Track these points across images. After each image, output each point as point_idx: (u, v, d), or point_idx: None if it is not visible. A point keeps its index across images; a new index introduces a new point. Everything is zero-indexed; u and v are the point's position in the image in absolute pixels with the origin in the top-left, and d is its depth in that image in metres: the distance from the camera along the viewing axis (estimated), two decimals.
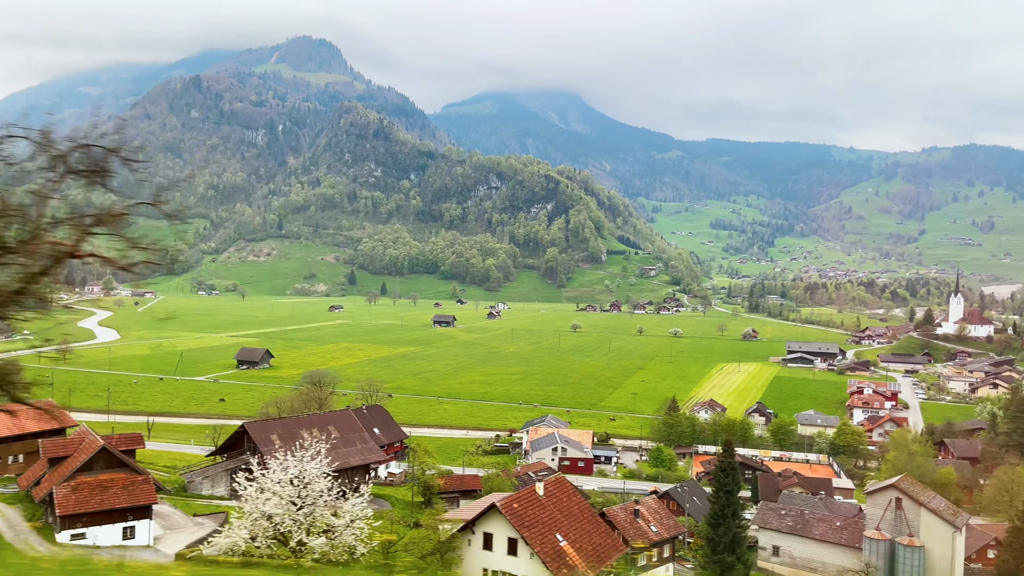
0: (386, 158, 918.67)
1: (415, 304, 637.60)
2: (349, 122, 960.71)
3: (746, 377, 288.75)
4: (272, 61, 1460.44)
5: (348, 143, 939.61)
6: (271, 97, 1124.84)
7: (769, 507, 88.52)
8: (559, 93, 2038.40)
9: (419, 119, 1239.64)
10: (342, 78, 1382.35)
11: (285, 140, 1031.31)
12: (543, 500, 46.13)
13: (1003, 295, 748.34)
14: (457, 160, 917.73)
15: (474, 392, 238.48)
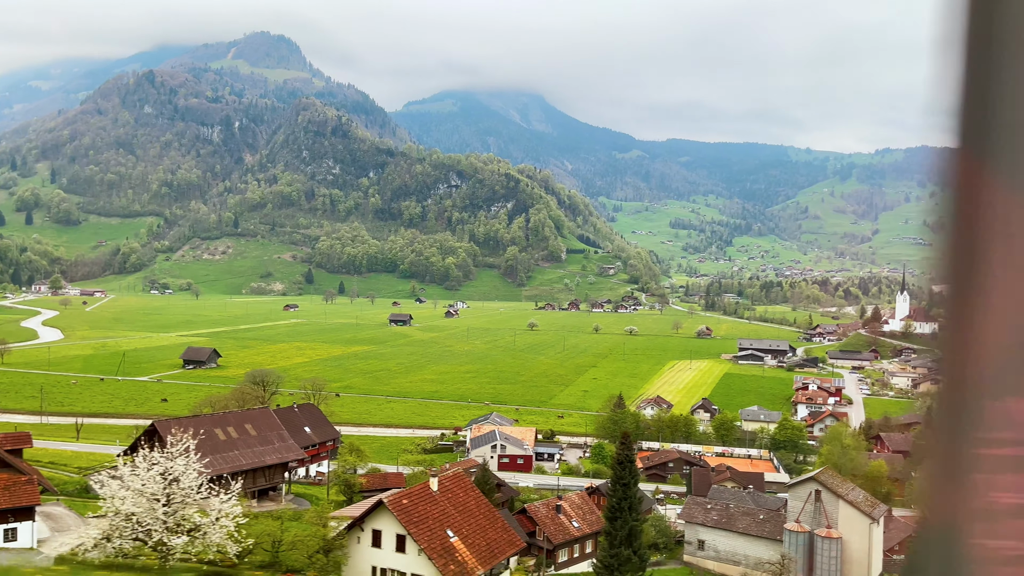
0: (345, 156, 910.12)
1: (373, 303, 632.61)
2: (307, 119, 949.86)
3: (697, 374, 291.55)
4: (229, 57, 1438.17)
5: (306, 140, 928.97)
6: (227, 93, 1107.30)
7: (696, 502, 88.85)
8: (521, 92, 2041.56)
9: (379, 117, 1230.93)
10: (301, 75, 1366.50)
11: (241, 137, 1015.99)
12: (436, 496, 45.24)
13: None
14: (417, 158, 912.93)
15: (424, 391, 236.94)
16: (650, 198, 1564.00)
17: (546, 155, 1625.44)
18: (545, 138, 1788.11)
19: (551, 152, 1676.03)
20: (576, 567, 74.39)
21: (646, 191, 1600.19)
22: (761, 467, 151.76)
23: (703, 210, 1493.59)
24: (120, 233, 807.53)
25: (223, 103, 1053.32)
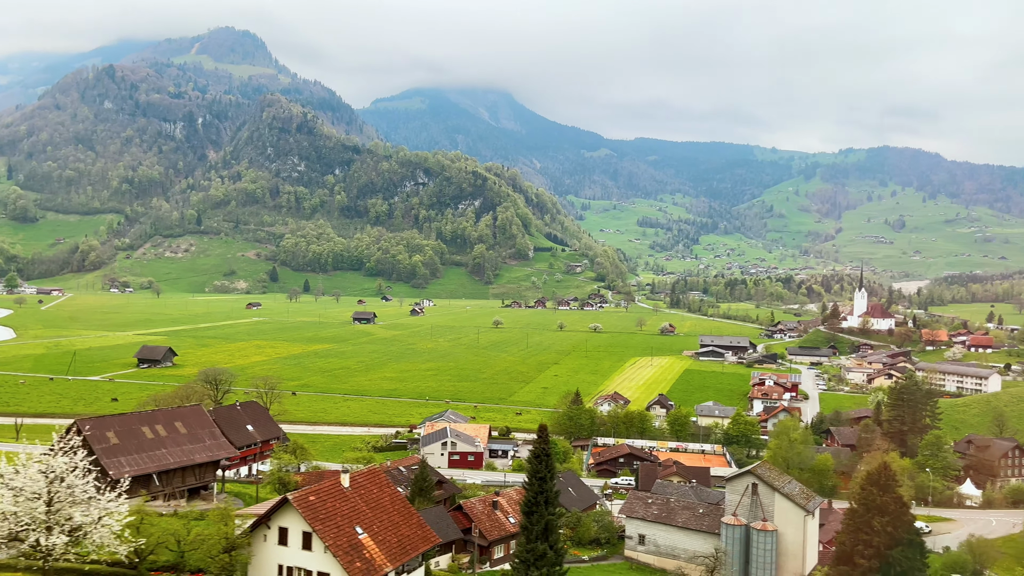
0: (310, 152, 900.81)
1: (338, 301, 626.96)
2: (272, 115, 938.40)
3: (657, 371, 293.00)
4: (193, 52, 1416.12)
5: (271, 137, 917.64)
6: (190, 89, 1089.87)
7: (637, 496, 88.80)
8: (490, 90, 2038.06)
9: (346, 113, 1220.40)
10: (266, 71, 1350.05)
11: (205, 133, 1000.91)
12: (348, 492, 44.35)
13: (911, 291, 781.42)
14: (383, 155, 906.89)
15: (383, 389, 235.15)
16: (618, 196, 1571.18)
17: (515, 153, 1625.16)
18: (514, 136, 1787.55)
19: (520, 150, 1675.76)
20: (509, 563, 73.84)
21: (614, 189, 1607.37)
22: (714, 462, 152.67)
23: (670, 208, 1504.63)
24: (79, 230, 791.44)
25: (186, 99, 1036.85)
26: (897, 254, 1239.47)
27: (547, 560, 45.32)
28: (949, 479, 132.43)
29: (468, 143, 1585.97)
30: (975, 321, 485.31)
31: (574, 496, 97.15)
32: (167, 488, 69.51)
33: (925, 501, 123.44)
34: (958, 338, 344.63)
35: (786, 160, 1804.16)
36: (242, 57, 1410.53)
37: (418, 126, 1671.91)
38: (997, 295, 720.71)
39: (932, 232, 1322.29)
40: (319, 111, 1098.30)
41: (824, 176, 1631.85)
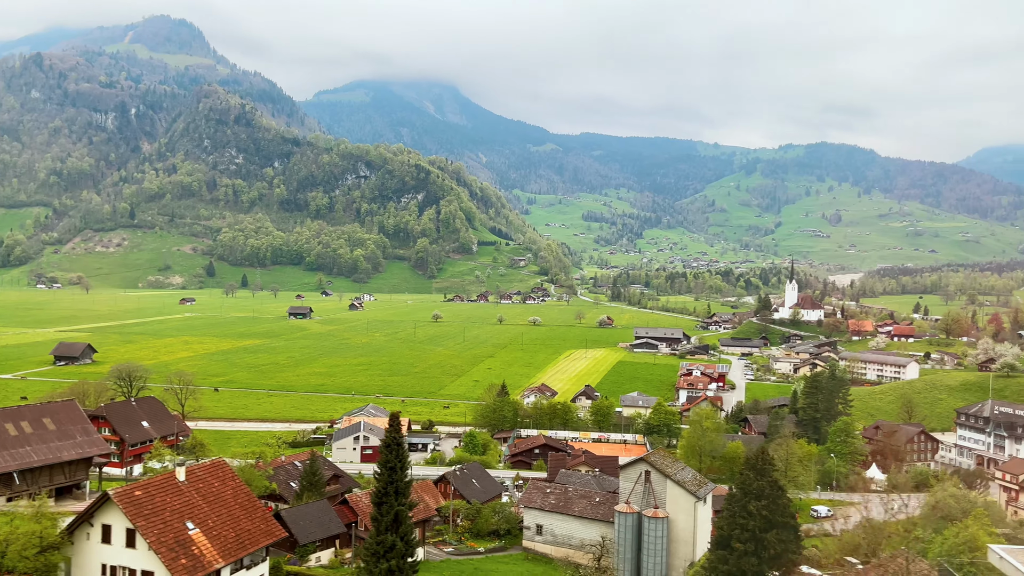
0: (248, 145, 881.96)
1: (276, 296, 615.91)
2: (208, 106, 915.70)
3: (591, 363, 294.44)
4: (126, 41, 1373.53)
5: (207, 129, 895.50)
6: (123, 79, 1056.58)
7: (536, 487, 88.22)
8: (435, 83, 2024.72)
9: (287, 105, 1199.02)
10: (204, 61, 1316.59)
11: (138, 124, 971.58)
12: (182, 486, 42.34)
13: (844, 283, 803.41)
14: (324, 148, 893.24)
15: (310, 384, 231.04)
16: (563, 191, 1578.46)
17: (460, 147, 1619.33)
18: (459, 130, 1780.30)
19: (465, 144, 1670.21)
20: None
21: (560, 184, 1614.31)
22: (634, 451, 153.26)
23: (615, 203, 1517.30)
24: (4, 224, 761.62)
25: (118, 88, 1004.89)
26: (833, 247, 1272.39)
27: (396, 551, 44.02)
28: (856, 464, 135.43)
29: (413, 136, 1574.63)
30: (902, 312, 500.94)
31: (477, 487, 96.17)
32: (31, 487, 66.08)
33: (831, 486, 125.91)
34: (883, 328, 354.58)
35: (728, 156, 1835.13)
36: (178, 47, 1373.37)
37: (362, 119, 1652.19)
38: (926, 287, 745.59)
39: (867, 226, 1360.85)
40: (259, 103, 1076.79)
41: (764, 171, 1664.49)
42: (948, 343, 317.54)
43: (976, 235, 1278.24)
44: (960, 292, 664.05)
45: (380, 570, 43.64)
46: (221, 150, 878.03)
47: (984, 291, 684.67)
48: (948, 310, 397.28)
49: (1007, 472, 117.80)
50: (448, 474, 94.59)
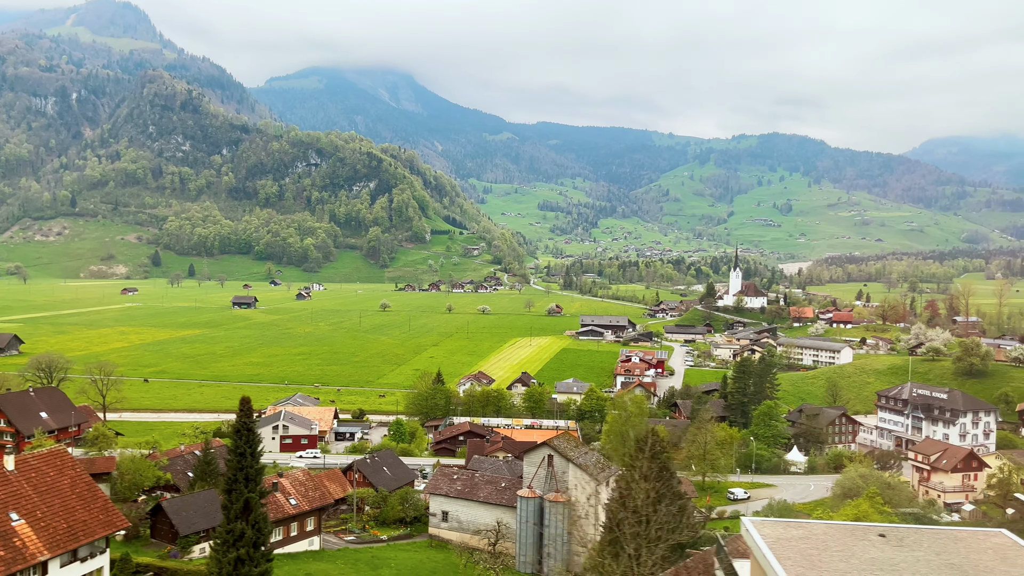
0: (195, 131, 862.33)
1: (223, 286, 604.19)
2: (153, 92, 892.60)
3: (535, 350, 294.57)
4: (68, 24, 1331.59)
5: (152, 115, 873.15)
6: (64, 63, 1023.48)
7: (443, 473, 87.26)
8: (390, 71, 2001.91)
9: (237, 92, 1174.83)
10: (150, 45, 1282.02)
11: (80, 110, 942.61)
12: (10, 476, 40.31)
13: (792, 271, 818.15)
14: (274, 135, 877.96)
15: (246, 374, 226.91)
16: (520, 180, 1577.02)
17: (416, 135, 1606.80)
18: (415, 118, 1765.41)
19: (421, 132, 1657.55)
20: (293, 546, 70.83)
21: (516, 173, 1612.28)
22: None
23: (571, 192, 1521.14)
24: None
25: (59, 73, 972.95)
26: (784, 236, 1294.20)
27: (246, 540, 42.53)
28: (778, 447, 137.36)
29: (367, 124, 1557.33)
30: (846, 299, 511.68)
31: (388, 475, 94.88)
32: None
33: (751, 468, 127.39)
34: (824, 315, 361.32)
35: (682, 146, 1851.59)
36: (123, 30, 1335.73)
37: (315, 106, 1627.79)
38: (871, 275, 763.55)
39: (816, 216, 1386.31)
40: (207, 89, 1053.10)
41: (718, 161, 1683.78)
42: (884, 329, 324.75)
43: (920, 224, 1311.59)
44: (902, 280, 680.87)
45: (229, 559, 42.12)
46: (167, 137, 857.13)
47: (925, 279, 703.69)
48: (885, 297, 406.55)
49: (919, 453, 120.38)
50: (357, 462, 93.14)
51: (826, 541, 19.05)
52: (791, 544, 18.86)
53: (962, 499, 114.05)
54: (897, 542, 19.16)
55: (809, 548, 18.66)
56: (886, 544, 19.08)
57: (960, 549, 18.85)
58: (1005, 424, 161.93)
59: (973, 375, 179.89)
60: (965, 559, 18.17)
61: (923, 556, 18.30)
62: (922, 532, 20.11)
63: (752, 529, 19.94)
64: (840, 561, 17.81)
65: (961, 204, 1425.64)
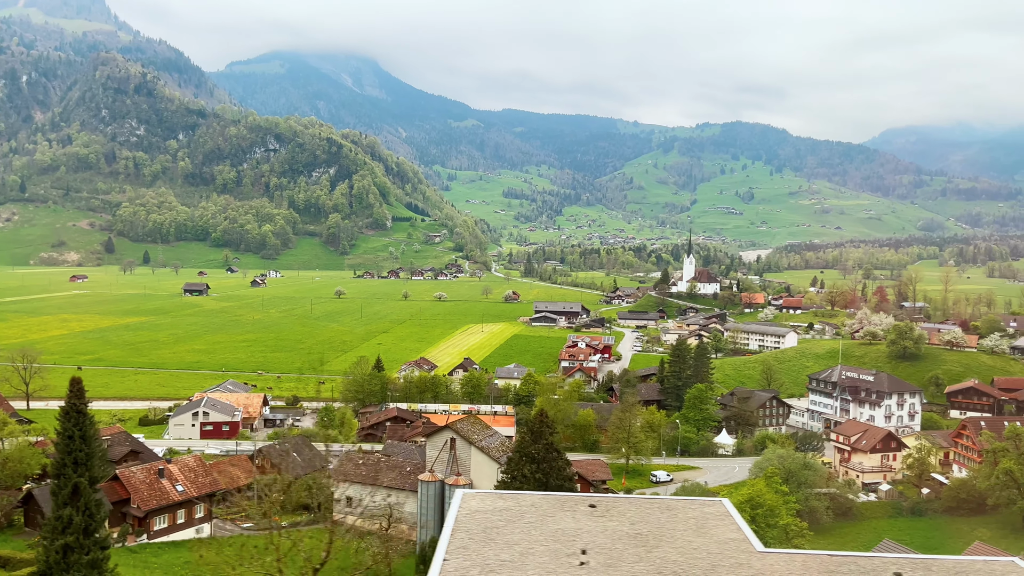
0: (150, 116, 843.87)
1: (177, 273, 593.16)
2: (106, 75, 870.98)
3: (486, 336, 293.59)
4: (20, 4, 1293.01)
5: (105, 98, 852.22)
6: (15, 44, 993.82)
7: (349, 458, 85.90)
8: (353, 56, 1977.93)
9: (195, 75, 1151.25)
10: (104, 27, 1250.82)
11: (31, 93, 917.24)
12: None
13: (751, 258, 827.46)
14: (231, 120, 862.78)
15: (185, 361, 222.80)
16: (485, 167, 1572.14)
17: (379, 121, 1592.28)
18: (379, 104, 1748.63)
19: (385, 118, 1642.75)
20: (180, 533, 68.96)
21: (481, 160, 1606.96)
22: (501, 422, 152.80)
23: (536, 180, 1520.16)
24: None
25: (8, 54, 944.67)
26: (746, 224, 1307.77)
27: (75, 526, 40.69)
28: (709, 430, 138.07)
29: (330, 110, 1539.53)
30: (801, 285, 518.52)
31: (298, 461, 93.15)
32: None
33: (677, 451, 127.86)
34: (776, 301, 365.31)
35: (647, 134, 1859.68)
36: (76, 11, 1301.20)
37: (276, 91, 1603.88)
38: (828, 262, 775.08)
39: (778, 204, 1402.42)
40: (164, 72, 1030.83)
41: (681, 150, 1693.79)
42: (832, 314, 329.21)
43: (878, 213, 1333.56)
44: (858, 267, 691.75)
45: (57, 547, 40.34)
46: (120, 121, 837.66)
47: (880, 266, 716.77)
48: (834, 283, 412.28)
49: (841, 434, 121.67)
50: (265, 448, 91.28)
51: (524, 513, 18.02)
52: (482, 516, 17.82)
53: (880, 479, 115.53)
54: (602, 512, 18.19)
55: (499, 519, 17.61)
56: (590, 514, 18.11)
57: (661, 519, 17.95)
58: (935, 406, 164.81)
59: (907, 358, 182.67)
60: (658, 528, 17.24)
61: (615, 526, 17.33)
62: (630, 502, 19.17)
63: (456, 501, 18.88)
64: (524, 532, 16.75)
65: (918, 193, 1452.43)
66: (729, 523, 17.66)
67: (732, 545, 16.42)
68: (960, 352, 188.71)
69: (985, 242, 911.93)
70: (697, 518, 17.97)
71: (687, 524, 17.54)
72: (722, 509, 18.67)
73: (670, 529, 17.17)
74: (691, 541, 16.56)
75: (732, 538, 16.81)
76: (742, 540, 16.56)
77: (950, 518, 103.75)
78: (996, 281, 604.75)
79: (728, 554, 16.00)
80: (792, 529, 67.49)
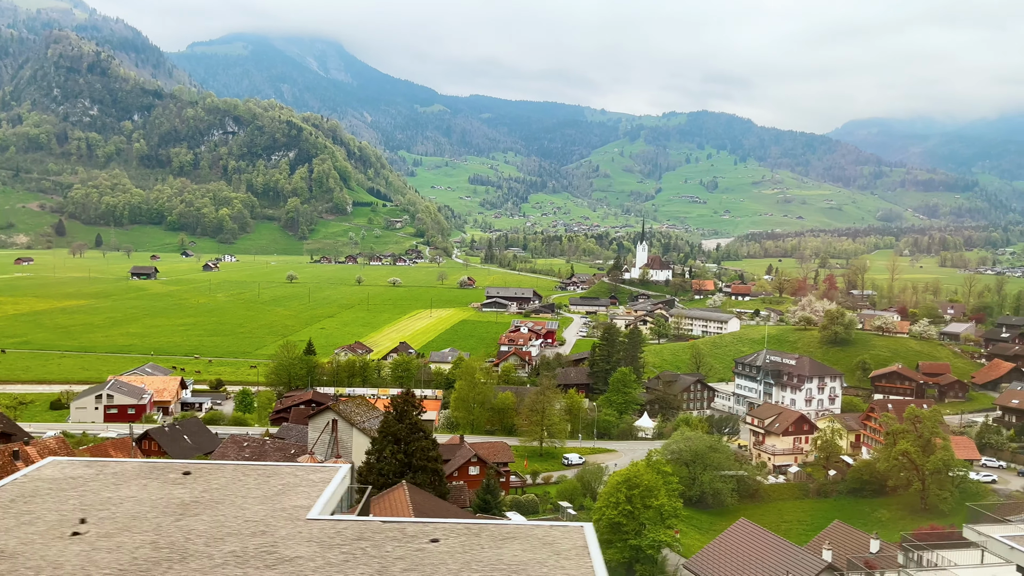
0: (104, 96, 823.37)
1: (129, 257, 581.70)
2: (59, 53, 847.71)
3: (434, 321, 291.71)
4: None
5: (57, 77, 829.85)
6: None
7: (234, 441, 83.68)
8: (319, 39, 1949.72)
9: (153, 55, 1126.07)
10: (59, 4, 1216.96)
11: None
12: None
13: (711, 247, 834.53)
14: (189, 101, 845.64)
15: (117, 345, 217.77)
16: (451, 153, 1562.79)
17: (344, 105, 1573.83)
18: (344, 88, 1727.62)
19: (350, 103, 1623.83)
20: None
21: (447, 146, 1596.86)
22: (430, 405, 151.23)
23: (502, 167, 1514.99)
24: None
25: None
26: (710, 213, 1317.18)
27: None
28: (631, 413, 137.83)
29: (294, 93, 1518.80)
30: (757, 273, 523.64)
31: (188, 444, 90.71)
32: None
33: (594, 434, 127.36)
34: (726, 288, 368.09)
35: (614, 122, 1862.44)
36: None
37: (239, 73, 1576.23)
38: (786, 251, 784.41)
39: (741, 193, 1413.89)
40: (120, 52, 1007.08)
41: (648, 138, 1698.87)
42: (780, 301, 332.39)
43: (839, 203, 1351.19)
44: (815, 256, 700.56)
45: None
46: (73, 100, 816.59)
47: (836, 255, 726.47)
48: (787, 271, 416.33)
49: (756, 417, 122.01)
50: (152, 430, 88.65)
51: (91, 481, 16.24)
52: (39, 483, 16.02)
53: (791, 462, 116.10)
54: (192, 480, 16.51)
55: (51, 487, 15.82)
56: (178, 480, 16.44)
57: (238, 484, 16.33)
58: (860, 390, 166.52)
59: (837, 343, 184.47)
60: (223, 493, 15.60)
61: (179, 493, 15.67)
62: (224, 469, 17.55)
63: (32, 467, 17.14)
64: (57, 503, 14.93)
65: (878, 184, 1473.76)
66: (312, 491, 16.13)
67: (289, 512, 14.87)
68: (890, 338, 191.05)
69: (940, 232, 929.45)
70: (286, 485, 16.43)
71: (258, 490, 15.98)
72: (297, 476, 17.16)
73: (233, 494, 15.58)
74: (246, 508, 14.99)
75: (296, 505, 15.27)
76: (303, 508, 15.07)
77: (854, 499, 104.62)
78: (947, 270, 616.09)
79: (280, 519, 14.40)
80: (666, 509, 66.89)
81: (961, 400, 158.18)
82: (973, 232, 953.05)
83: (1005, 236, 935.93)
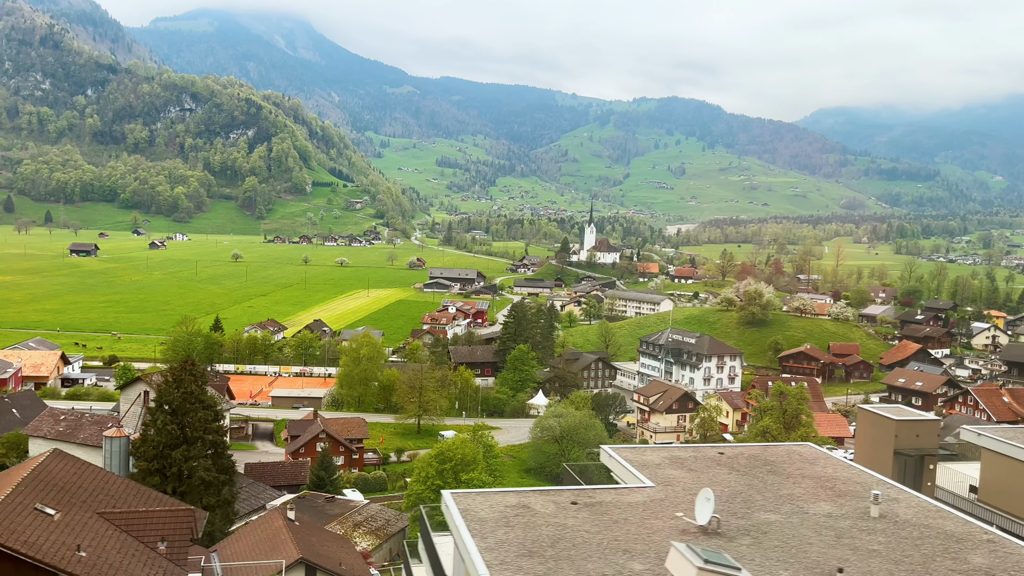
0: (56, 69, 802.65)
1: (76, 234, 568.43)
2: (10, 26, 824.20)
3: (370, 301, 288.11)
4: None
5: (8, 50, 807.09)
6: None
7: (50, 414, 79.53)
8: (286, 17, 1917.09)
9: (112, 30, 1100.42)
10: None
11: None
12: None
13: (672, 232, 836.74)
14: (145, 77, 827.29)
15: (27, 321, 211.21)
16: (419, 135, 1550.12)
17: (312, 85, 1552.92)
18: (311, 67, 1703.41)
19: (317, 82, 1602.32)
20: None
21: (416, 128, 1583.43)
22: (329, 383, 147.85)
23: (471, 150, 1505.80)
24: None
25: None
26: (676, 199, 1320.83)
27: None
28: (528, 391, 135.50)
29: (260, 72, 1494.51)
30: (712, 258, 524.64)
31: (16, 418, 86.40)
32: None
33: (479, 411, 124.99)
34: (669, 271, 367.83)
35: (584, 107, 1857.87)
36: None
37: (204, 50, 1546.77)
38: (746, 236, 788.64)
39: (708, 179, 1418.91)
40: (77, 25, 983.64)
41: (617, 123, 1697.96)
42: (722, 284, 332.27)
43: (804, 190, 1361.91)
44: (773, 241, 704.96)
45: None
46: (24, 74, 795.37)
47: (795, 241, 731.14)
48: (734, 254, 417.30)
49: (642, 395, 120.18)
50: None
51: None
52: None
53: (673, 439, 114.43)
54: None
55: None
56: None
57: None
58: (770, 370, 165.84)
59: (755, 324, 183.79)
60: None
61: None
62: None
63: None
64: None
65: (843, 172, 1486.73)
66: None
67: None
68: (808, 319, 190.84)
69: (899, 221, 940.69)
70: None
71: None
72: None
73: None
74: None
75: None
76: None
77: None
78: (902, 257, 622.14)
79: None
80: (476, 482, 64.39)
81: (866, 380, 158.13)
82: (932, 221, 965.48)
83: (963, 225, 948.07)
